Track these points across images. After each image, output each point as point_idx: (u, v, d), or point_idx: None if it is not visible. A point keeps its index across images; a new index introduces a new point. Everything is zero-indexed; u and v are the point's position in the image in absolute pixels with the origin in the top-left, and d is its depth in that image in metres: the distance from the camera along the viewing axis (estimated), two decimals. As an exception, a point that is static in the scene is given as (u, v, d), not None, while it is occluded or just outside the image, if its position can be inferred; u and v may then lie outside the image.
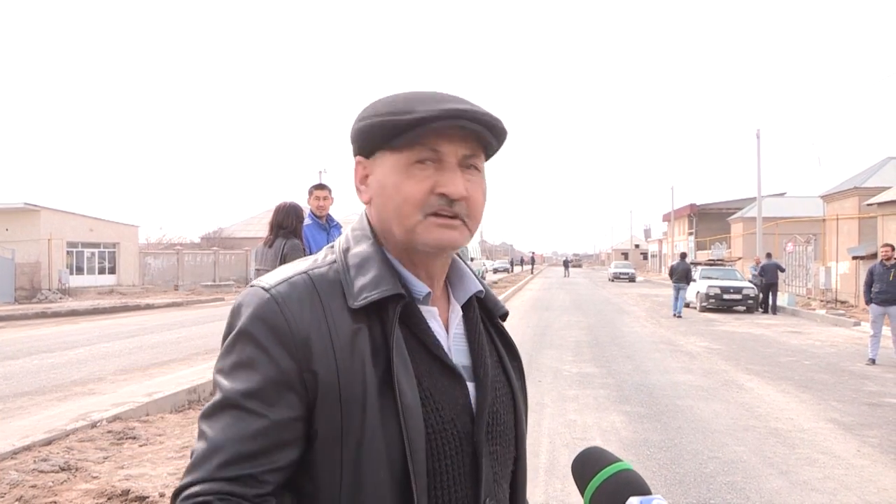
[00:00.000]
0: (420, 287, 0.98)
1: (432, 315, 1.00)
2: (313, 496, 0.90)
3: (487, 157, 1.02)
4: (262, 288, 0.93)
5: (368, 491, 0.87)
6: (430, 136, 0.94)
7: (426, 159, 0.94)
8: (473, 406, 0.96)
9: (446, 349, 0.98)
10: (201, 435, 0.88)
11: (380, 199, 0.97)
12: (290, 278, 0.94)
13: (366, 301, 0.92)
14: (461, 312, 1.04)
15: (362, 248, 0.98)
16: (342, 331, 0.90)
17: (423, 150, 0.94)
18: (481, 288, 1.06)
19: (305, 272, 0.96)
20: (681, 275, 18.73)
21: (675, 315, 18.54)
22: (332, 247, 1.02)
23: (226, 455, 0.85)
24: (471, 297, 1.06)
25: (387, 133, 0.94)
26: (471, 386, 0.98)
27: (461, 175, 0.95)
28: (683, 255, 20.29)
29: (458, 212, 0.95)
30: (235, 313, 0.93)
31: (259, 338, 0.89)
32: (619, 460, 0.93)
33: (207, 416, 0.89)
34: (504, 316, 1.12)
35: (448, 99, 0.96)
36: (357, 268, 0.96)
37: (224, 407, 0.88)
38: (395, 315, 0.93)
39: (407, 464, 0.88)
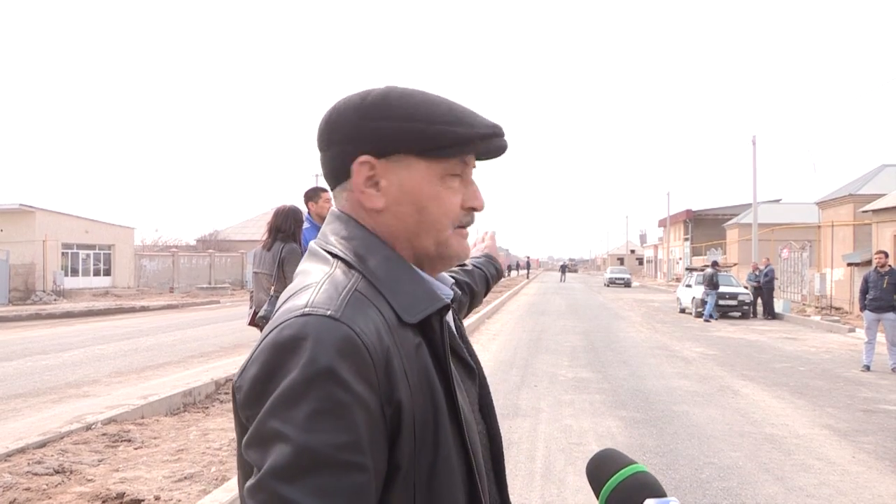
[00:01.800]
0: (447, 291, 0.96)
1: (451, 317, 0.99)
2: None
3: None
4: (327, 316, 0.78)
5: None
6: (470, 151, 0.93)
7: (458, 173, 0.92)
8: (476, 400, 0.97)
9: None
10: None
11: (406, 207, 0.90)
12: (346, 299, 0.81)
13: (423, 314, 0.85)
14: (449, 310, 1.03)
15: (384, 257, 0.89)
16: (408, 350, 0.82)
17: (458, 163, 0.92)
18: (452, 281, 1.05)
19: (353, 288, 0.83)
20: (708, 281, 19.43)
21: (704, 319, 19.23)
22: (335, 257, 0.89)
23: None
24: None
25: (429, 141, 0.88)
26: None
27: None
28: (714, 263, 21.13)
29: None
30: (292, 349, 0.76)
31: (344, 376, 0.74)
32: (634, 462, 0.94)
33: (290, 478, 0.71)
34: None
35: (477, 113, 0.95)
36: (394, 279, 0.87)
37: (314, 466, 0.72)
38: (443, 326, 0.88)
39: (476, 480, 0.84)
